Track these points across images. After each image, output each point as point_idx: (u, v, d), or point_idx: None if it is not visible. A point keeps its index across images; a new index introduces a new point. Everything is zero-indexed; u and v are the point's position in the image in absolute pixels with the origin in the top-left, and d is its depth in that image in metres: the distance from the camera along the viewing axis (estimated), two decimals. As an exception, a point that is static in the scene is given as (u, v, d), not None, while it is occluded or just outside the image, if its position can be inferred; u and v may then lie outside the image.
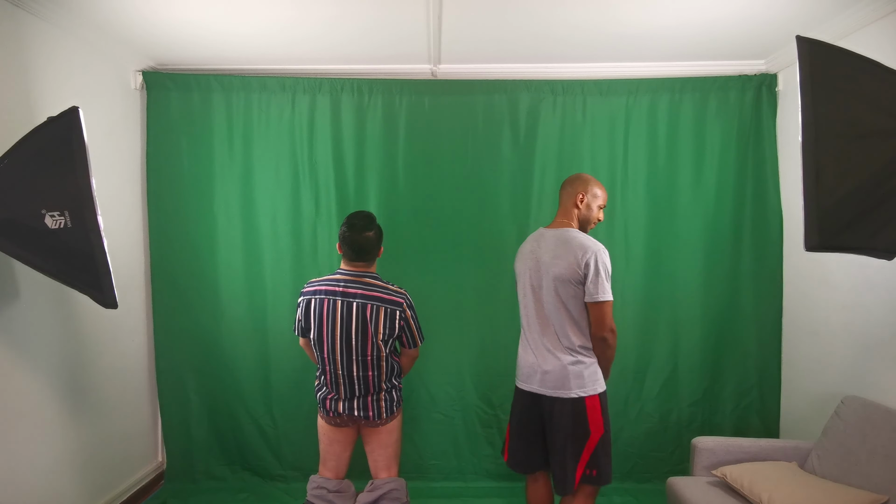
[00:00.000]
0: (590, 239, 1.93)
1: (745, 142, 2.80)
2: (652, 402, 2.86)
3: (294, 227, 2.86)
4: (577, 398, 1.90)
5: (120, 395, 2.66)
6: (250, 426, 2.91)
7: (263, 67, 2.84)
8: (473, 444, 2.92)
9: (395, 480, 2.07)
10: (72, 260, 1.76)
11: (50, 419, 2.21)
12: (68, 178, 1.74)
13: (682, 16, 2.25)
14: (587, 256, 1.87)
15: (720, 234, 2.81)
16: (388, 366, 2.01)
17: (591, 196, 2.01)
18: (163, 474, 2.95)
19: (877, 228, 1.51)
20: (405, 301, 2.00)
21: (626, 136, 2.83)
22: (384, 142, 2.84)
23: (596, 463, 1.90)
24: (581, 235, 1.95)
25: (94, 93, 2.47)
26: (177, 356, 2.89)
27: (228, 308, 2.88)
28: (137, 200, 2.82)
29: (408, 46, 2.59)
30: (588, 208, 2.01)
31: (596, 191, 2.02)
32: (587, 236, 1.96)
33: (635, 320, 2.84)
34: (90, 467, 2.43)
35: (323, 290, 1.98)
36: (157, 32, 2.44)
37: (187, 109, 2.83)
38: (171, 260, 2.85)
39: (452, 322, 2.87)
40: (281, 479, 2.91)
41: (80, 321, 2.37)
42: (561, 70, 2.82)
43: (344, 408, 2.01)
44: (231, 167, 2.85)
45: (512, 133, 2.85)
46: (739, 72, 2.79)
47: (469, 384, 2.91)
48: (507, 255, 2.86)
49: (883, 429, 1.91)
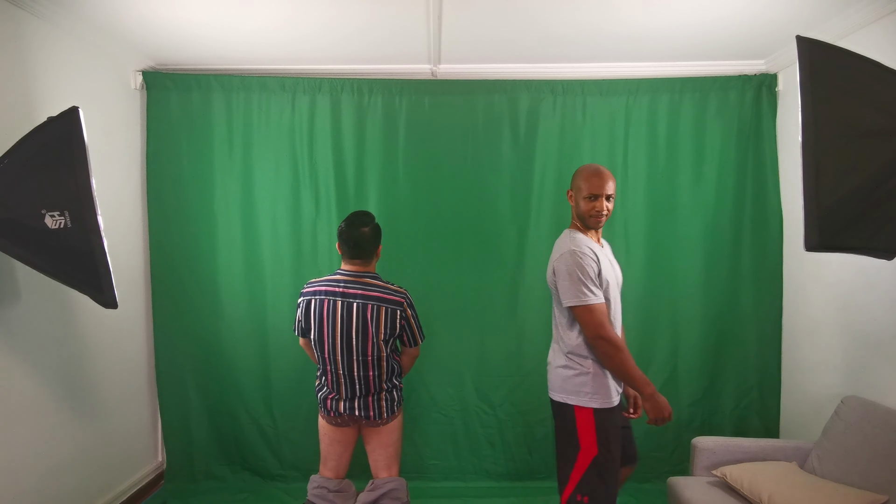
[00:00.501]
0: (569, 240, 1.86)
1: (745, 142, 2.80)
2: (652, 402, 2.86)
3: (294, 227, 2.86)
4: (562, 402, 1.86)
5: (120, 395, 2.66)
6: (250, 426, 2.91)
7: (263, 67, 2.84)
8: (473, 444, 2.92)
9: (395, 480, 2.07)
10: (72, 260, 1.76)
11: (50, 419, 2.21)
12: (68, 178, 1.74)
13: (682, 16, 2.25)
14: (555, 259, 1.86)
15: (720, 234, 2.81)
16: (389, 366, 2.01)
17: (574, 190, 1.92)
18: (163, 474, 2.95)
19: (877, 228, 1.51)
20: (405, 300, 2.00)
21: (626, 136, 2.83)
22: (384, 142, 2.84)
23: (588, 488, 1.78)
24: (563, 237, 1.93)
25: (94, 93, 2.47)
26: (177, 356, 2.89)
27: (228, 308, 2.88)
28: (137, 200, 2.82)
29: (408, 46, 2.59)
30: (576, 203, 1.91)
31: (578, 183, 1.90)
32: (569, 237, 1.89)
33: (635, 320, 2.83)
34: (90, 467, 2.43)
35: (323, 290, 1.98)
36: (157, 32, 2.44)
37: (187, 109, 2.83)
38: (171, 260, 2.85)
39: (452, 322, 2.87)
40: (281, 479, 2.91)
41: (80, 321, 2.37)
42: (561, 70, 2.82)
43: (345, 408, 2.01)
44: (231, 167, 2.85)
45: (512, 133, 2.85)
46: (739, 72, 2.79)
47: (469, 384, 2.91)
48: (507, 254, 2.87)
49: (883, 429, 1.91)
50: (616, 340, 1.78)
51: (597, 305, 1.78)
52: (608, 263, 1.92)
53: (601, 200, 1.85)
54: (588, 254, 1.81)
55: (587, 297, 1.77)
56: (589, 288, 1.77)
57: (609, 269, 1.90)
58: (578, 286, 1.77)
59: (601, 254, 1.88)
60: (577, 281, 1.77)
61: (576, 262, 1.78)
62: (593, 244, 1.89)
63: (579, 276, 1.77)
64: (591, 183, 1.86)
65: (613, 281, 1.91)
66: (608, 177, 1.87)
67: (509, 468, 2.91)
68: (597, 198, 1.85)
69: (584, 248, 1.82)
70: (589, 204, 1.86)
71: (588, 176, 1.88)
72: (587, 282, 1.77)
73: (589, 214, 1.87)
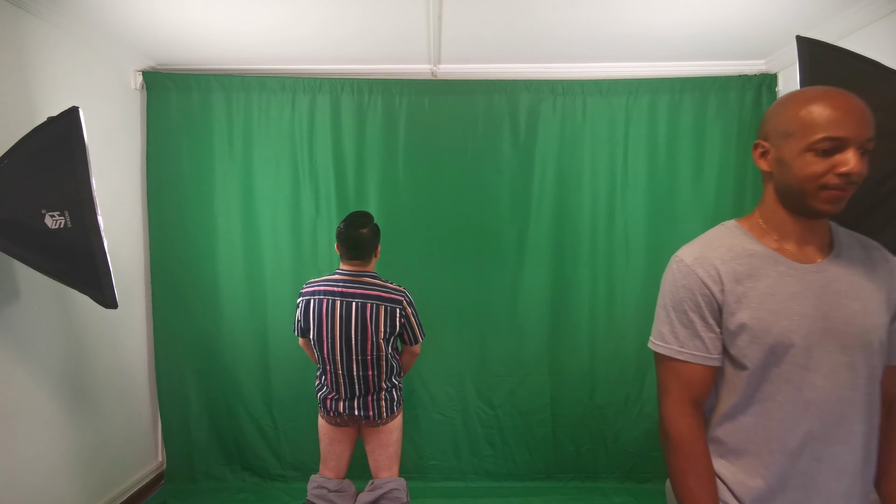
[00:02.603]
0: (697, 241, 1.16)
1: (745, 142, 2.79)
2: (652, 402, 2.85)
3: (294, 227, 2.86)
4: None
5: (120, 395, 2.66)
6: (250, 426, 2.91)
7: (263, 67, 2.84)
8: (473, 444, 2.92)
9: (395, 480, 2.07)
10: (72, 260, 1.76)
11: (50, 419, 2.21)
12: (68, 178, 1.74)
13: (682, 16, 2.25)
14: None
15: (720, 234, 2.80)
16: (388, 365, 2.01)
17: (775, 137, 1.01)
18: (163, 474, 2.95)
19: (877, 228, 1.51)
20: (405, 298, 2.00)
21: (626, 136, 2.82)
22: (384, 142, 2.84)
23: None
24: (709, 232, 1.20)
25: (94, 93, 2.47)
26: (177, 356, 2.88)
27: (228, 308, 2.88)
28: (137, 200, 2.82)
29: (408, 46, 2.59)
30: (777, 164, 1.02)
31: (786, 123, 0.99)
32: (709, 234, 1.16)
33: (635, 320, 2.83)
34: (90, 467, 2.43)
35: (322, 290, 1.98)
36: (157, 32, 2.44)
37: (187, 109, 2.83)
38: (171, 260, 2.85)
39: (452, 322, 2.87)
40: (281, 479, 2.91)
41: (80, 321, 2.37)
42: (561, 70, 2.82)
43: (344, 407, 2.01)
44: (231, 167, 2.85)
45: (512, 133, 2.85)
46: (739, 72, 2.79)
47: (469, 384, 2.91)
48: (507, 254, 2.87)
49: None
50: (680, 436, 1.03)
51: (677, 364, 1.05)
52: (791, 295, 0.98)
53: (850, 153, 0.93)
54: (695, 273, 1.04)
55: (661, 340, 1.10)
56: (670, 328, 1.08)
57: (788, 307, 0.98)
58: (658, 321, 1.13)
59: (764, 272, 1.01)
60: (658, 314, 1.14)
61: (667, 280, 1.12)
62: (762, 252, 1.03)
63: (661, 306, 1.13)
64: (826, 117, 0.92)
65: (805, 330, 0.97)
66: (860, 107, 0.95)
67: (509, 468, 2.91)
68: (839, 148, 0.93)
69: (708, 254, 1.05)
70: (818, 163, 0.93)
71: (820, 104, 0.93)
72: (672, 318, 1.08)
73: (817, 185, 0.94)
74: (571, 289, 2.85)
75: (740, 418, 1.03)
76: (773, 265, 1.01)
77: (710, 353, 1.04)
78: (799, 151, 0.95)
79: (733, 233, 1.09)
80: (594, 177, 2.82)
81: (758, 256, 1.02)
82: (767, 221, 1.06)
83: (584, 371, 2.87)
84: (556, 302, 2.85)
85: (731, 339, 1.01)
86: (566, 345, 2.87)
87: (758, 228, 1.07)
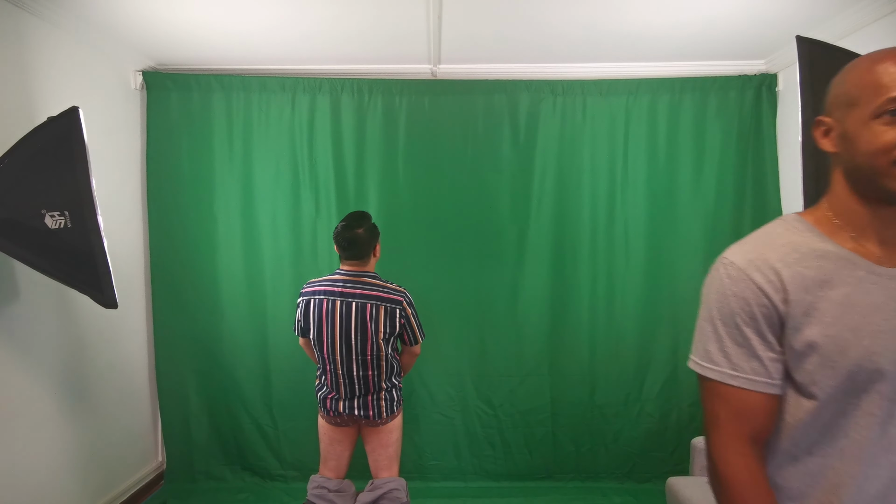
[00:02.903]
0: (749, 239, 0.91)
1: (745, 142, 2.79)
2: (652, 403, 2.86)
3: (294, 227, 2.86)
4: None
5: (120, 395, 2.66)
6: (250, 426, 2.91)
7: (263, 67, 2.84)
8: (473, 444, 2.92)
9: (395, 480, 2.07)
10: (72, 260, 1.77)
11: (50, 419, 2.21)
12: (68, 178, 1.74)
13: (682, 16, 2.25)
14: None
15: (720, 234, 2.80)
16: (388, 365, 2.01)
17: (843, 108, 0.83)
18: (163, 474, 2.95)
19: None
20: (405, 298, 2.00)
21: (626, 136, 2.82)
22: (384, 142, 2.84)
23: None
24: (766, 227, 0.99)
25: (94, 93, 2.47)
26: (177, 356, 2.88)
27: (228, 308, 2.88)
28: (137, 200, 2.82)
29: (408, 46, 2.59)
30: (842, 139, 0.84)
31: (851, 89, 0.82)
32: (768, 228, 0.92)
33: (635, 320, 2.83)
34: (90, 467, 2.43)
35: (322, 290, 1.98)
36: (157, 32, 2.44)
37: (187, 109, 2.83)
38: (171, 260, 2.85)
39: (452, 322, 2.87)
40: (281, 479, 2.91)
41: (80, 321, 2.37)
42: (561, 70, 2.82)
43: (344, 407, 2.02)
44: (231, 167, 2.85)
45: (512, 133, 2.85)
46: (739, 72, 2.79)
47: (469, 384, 2.91)
48: (507, 254, 2.87)
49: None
50: (736, 482, 0.82)
51: (728, 391, 0.84)
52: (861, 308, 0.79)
53: None
54: (750, 278, 0.83)
55: (708, 361, 0.87)
56: (718, 345, 0.86)
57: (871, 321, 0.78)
58: (701, 336, 0.90)
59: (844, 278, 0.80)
60: (702, 328, 0.91)
61: (712, 288, 0.90)
62: (836, 253, 0.82)
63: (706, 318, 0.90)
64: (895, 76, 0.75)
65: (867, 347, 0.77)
66: None
67: (509, 468, 2.91)
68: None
69: (766, 254, 0.83)
70: (889, 131, 0.75)
71: (886, 62, 0.77)
72: (721, 333, 0.86)
73: (891, 158, 0.76)
74: (571, 289, 2.85)
75: (805, 459, 0.82)
76: (851, 269, 0.80)
77: (773, 377, 0.82)
78: (865, 120, 0.77)
79: (797, 229, 0.85)
80: (594, 177, 2.83)
81: (831, 258, 0.81)
82: (839, 214, 0.84)
83: (584, 371, 2.87)
84: (556, 302, 2.85)
85: (797, 361, 0.80)
86: (566, 345, 2.87)
87: (827, 223, 0.85)
